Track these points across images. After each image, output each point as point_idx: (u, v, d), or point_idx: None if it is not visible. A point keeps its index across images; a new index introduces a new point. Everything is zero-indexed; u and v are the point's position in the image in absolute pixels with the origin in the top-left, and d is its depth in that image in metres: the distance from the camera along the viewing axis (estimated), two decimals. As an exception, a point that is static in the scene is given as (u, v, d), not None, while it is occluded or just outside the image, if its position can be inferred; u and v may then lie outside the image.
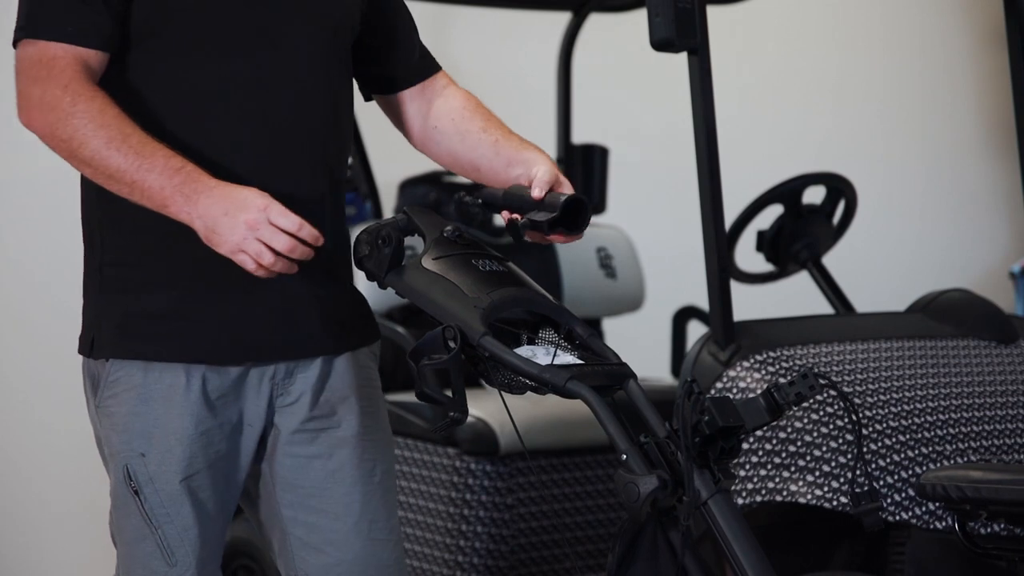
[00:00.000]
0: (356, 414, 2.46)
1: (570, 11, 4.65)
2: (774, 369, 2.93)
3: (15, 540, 4.54)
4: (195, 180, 2.20)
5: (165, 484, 2.34)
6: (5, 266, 4.51)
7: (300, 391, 2.42)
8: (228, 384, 2.37)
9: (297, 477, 2.44)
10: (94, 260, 2.41)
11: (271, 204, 2.18)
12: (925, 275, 5.40)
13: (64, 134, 2.23)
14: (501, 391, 2.24)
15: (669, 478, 2.10)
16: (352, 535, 2.45)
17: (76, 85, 2.23)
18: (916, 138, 6.13)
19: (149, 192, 2.20)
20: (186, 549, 2.35)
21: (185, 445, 2.34)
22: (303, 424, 2.43)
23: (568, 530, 3.77)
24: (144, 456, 2.34)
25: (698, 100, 2.91)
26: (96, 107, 2.22)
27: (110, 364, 2.36)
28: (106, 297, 2.38)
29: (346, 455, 2.45)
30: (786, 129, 5.83)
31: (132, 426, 2.34)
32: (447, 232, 2.32)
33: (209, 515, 2.37)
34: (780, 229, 3.63)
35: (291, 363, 2.41)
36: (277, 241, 2.17)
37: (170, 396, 2.34)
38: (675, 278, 4.92)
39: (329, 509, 2.44)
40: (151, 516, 2.35)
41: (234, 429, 2.38)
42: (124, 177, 2.21)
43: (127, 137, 2.21)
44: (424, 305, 2.25)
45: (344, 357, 2.46)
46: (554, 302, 2.31)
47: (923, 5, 6.15)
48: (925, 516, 2.78)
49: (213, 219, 2.18)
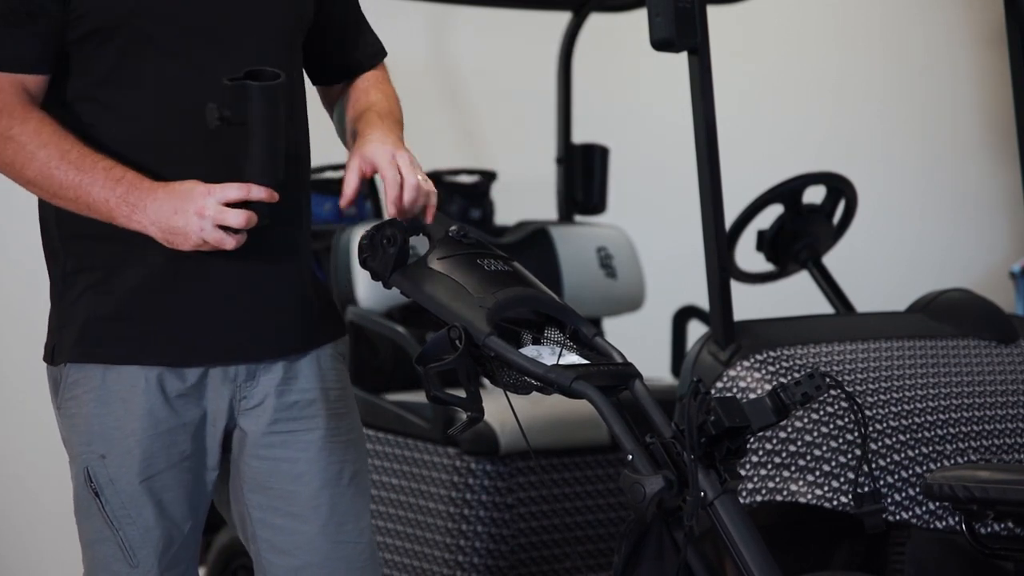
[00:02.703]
0: (323, 416, 2.44)
1: (570, 11, 4.65)
2: (774, 369, 2.93)
3: (13, 540, 4.54)
4: (136, 188, 2.23)
5: (126, 485, 2.33)
6: (5, 266, 4.51)
7: (264, 393, 2.41)
8: (188, 385, 2.36)
9: (265, 479, 2.42)
10: (56, 270, 2.41)
11: (212, 187, 2.21)
12: (925, 275, 5.39)
13: (6, 158, 2.27)
14: (506, 391, 2.24)
15: (675, 478, 2.09)
16: (319, 538, 2.43)
17: (11, 108, 2.27)
18: (916, 138, 6.14)
19: (94, 205, 2.24)
20: (148, 550, 2.35)
21: (144, 446, 2.33)
22: (270, 427, 2.41)
23: (568, 530, 3.77)
24: (104, 457, 2.34)
25: (698, 100, 2.91)
26: (31, 128, 2.26)
27: (69, 367, 2.36)
28: (67, 305, 2.38)
29: (313, 458, 2.43)
30: (786, 129, 5.83)
31: (92, 428, 2.34)
32: (452, 232, 2.32)
33: (174, 516, 2.36)
34: (780, 229, 3.63)
35: (252, 365, 2.40)
36: (231, 219, 2.21)
37: (129, 398, 2.33)
38: (675, 278, 4.92)
39: (297, 512, 2.42)
40: (112, 517, 2.35)
41: (197, 429, 2.38)
42: (68, 193, 2.25)
43: (66, 153, 2.24)
44: (429, 305, 2.25)
45: (309, 358, 2.44)
46: (560, 302, 2.30)
47: (923, 5, 6.15)
48: (925, 516, 2.78)
49: (165, 221, 2.22)
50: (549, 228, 4.48)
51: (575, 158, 4.70)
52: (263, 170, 2.25)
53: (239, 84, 2.20)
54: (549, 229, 4.48)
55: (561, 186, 4.72)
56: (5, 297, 4.52)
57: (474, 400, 2.19)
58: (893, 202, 5.89)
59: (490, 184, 4.68)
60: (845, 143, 5.85)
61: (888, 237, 5.89)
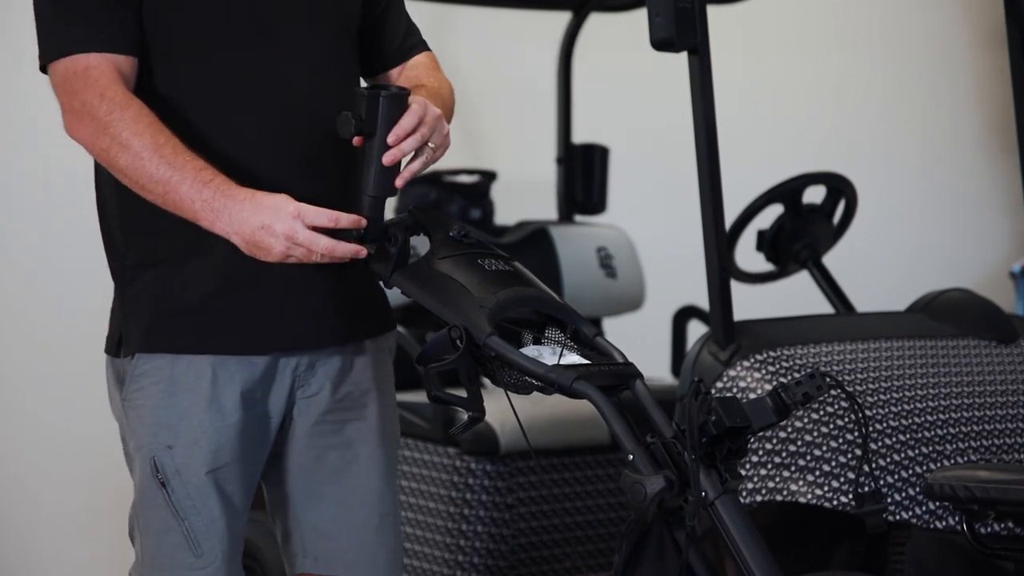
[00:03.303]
0: (376, 407, 2.49)
1: (570, 11, 4.65)
2: (774, 369, 2.93)
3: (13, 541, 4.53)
4: (223, 194, 2.23)
5: (192, 476, 2.36)
6: (5, 266, 4.51)
7: (321, 383, 2.45)
8: (255, 376, 2.40)
9: (313, 466, 2.47)
10: (117, 263, 2.43)
11: (302, 209, 2.22)
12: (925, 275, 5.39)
13: (102, 143, 2.27)
14: (507, 391, 2.24)
15: (676, 478, 2.09)
16: (366, 526, 2.48)
17: (111, 93, 2.27)
18: (916, 138, 6.13)
19: (180, 204, 2.25)
20: (213, 541, 2.38)
21: (211, 437, 2.36)
22: (323, 415, 2.46)
23: (568, 530, 3.77)
24: (171, 448, 2.36)
25: (698, 100, 2.91)
26: (131, 116, 2.26)
27: (137, 358, 2.39)
28: (131, 297, 2.40)
29: (363, 447, 2.48)
30: (786, 129, 5.83)
31: (159, 418, 2.37)
32: (454, 232, 2.32)
33: (235, 507, 2.40)
34: (780, 229, 3.63)
35: (313, 355, 2.43)
36: (317, 245, 2.21)
37: (196, 389, 2.37)
38: (675, 278, 4.92)
39: (342, 499, 2.47)
40: (178, 507, 2.37)
41: (260, 419, 2.41)
42: (156, 188, 2.25)
43: (160, 147, 2.24)
44: (430, 305, 2.25)
45: (365, 351, 2.49)
46: (560, 302, 2.30)
47: (923, 5, 6.15)
48: (925, 516, 2.78)
49: (251, 234, 2.22)
50: (549, 228, 4.48)
51: (575, 158, 4.70)
52: (379, 181, 2.27)
53: (373, 94, 2.22)
54: (549, 229, 4.48)
55: (561, 186, 4.72)
56: (5, 297, 4.52)
57: (475, 400, 2.20)
58: (893, 202, 5.88)
59: (490, 184, 4.68)
60: (845, 143, 5.84)
61: (888, 237, 5.89)
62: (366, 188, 2.27)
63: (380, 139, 2.25)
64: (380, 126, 2.24)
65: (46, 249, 4.51)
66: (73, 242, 4.51)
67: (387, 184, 2.28)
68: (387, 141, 2.26)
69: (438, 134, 2.33)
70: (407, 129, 2.27)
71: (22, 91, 4.41)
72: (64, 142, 2.36)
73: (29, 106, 4.41)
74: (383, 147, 2.25)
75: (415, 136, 2.28)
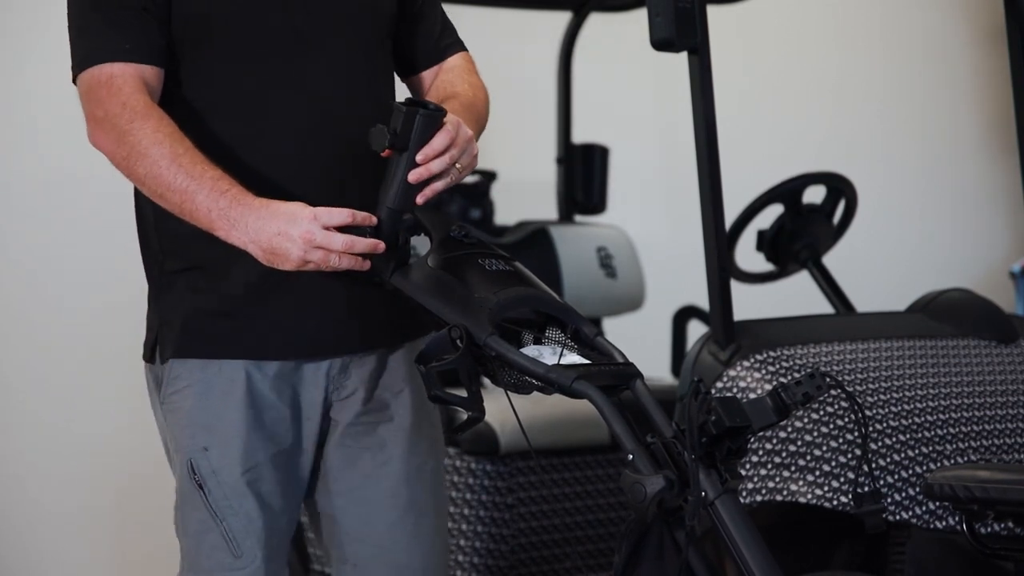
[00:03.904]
0: (409, 409, 2.50)
1: (570, 11, 4.65)
2: (774, 369, 2.93)
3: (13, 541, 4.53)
4: (239, 203, 2.24)
5: (227, 477, 2.38)
6: (5, 266, 4.51)
7: (354, 386, 2.46)
8: (288, 380, 2.41)
9: (348, 468, 2.48)
10: (153, 268, 2.45)
11: (317, 211, 2.22)
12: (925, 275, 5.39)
13: (122, 151, 2.28)
14: (507, 391, 2.24)
15: (676, 478, 2.09)
16: (398, 528, 2.48)
17: (133, 102, 2.28)
18: (916, 138, 6.13)
19: (196, 213, 2.25)
20: (251, 541, 2.39)
21: (244, 438, 2.38)
22: (357, 417, 2.47)
23: (568, 530, 3.77)
24: (207, 450, 2.39)
25: (698, 100, 2.91)
26: (151, 125, 2.27)
27: (171, 363, 2.41)
28: (166, 302, 2.42)
29: (396, 449, 2.48)
30: (786, 129, 5.83)
31: (194, 421, 2.39)
32: (454, 231, 2.32)
33: (273, 508, 2.41)
34: (780, 229, 3.63)
35: (346, 358, 2.45)
36: (335, 244, 2.21)
37: (229, 391, 2.38)
38: (675, 278, 4.92)
39: (377, 501, 2.48)
40: (216, 509, 2.39)
41: (294, 422, 2.43)
42: (173, 197, 2.26)
43: (178, 156, 2.25)
44: (430, 305, 2.25)
45: (398, 352, 2.50)
46: (561, 301, 2.30)
47: (923, 5, 6.15)
48: (925, 516, 2.78)
49: (268, 241, 2.22)
50: (549, 228, 4.48)
51: (575, 158, 4.70)
52: (402, 195, 2.27)
53: (411, 111, 2.22)
54: (549, 229, 4.48)
55: (561, 186, 4.72)
56: (5, 297, 4.52)
57: (475, 400, 2.20)
58: (893, 202, 5.88)
59: (490, 184, 4.67)
60: (845, 143, 5.84)
61: (888, 237, 5.88)
62: (386, 200, 2.27)
63: (410, 155, 2.25)
64: (412, 143, 2.24)
65: (46, 249, 4.51)
66: (73, 242, 4.51)
67: (408, 200, 2.28)
68: (416, 159, 2.26)
69: (467, 155, 2.33)
70: (437, 150, 2.27)
71: (22, 91, 4.41)
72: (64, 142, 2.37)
73: (29, 106, 4.42)
74: (411, 164, 2.25)
75: (444, 157, 2.28)
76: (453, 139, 2.28)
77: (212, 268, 2.38)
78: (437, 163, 2.27)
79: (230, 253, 2.31)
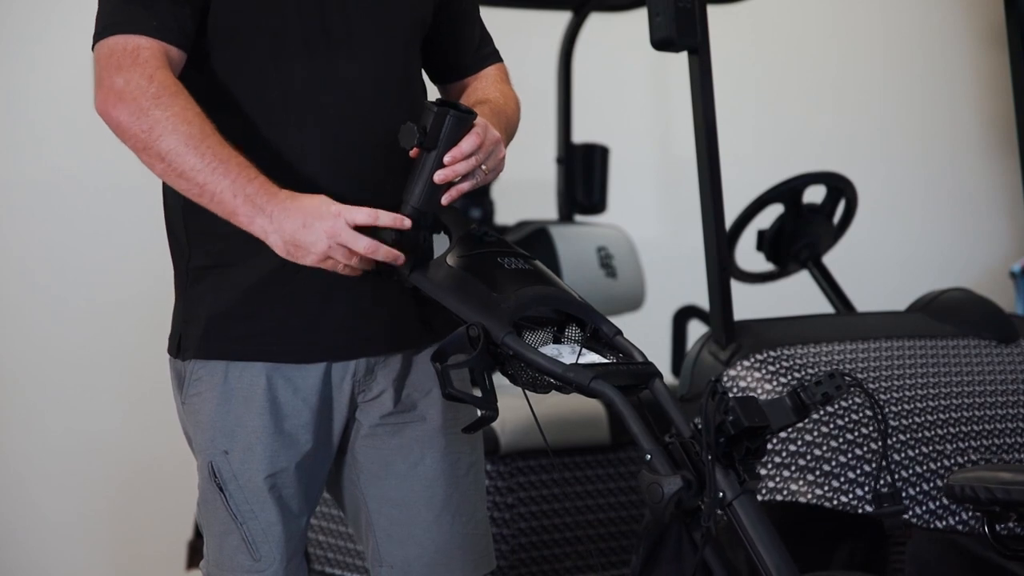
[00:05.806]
0: (439, 408, 2.46)
1: (570, 11, 4.65)
2: (774, 368, 2.93)
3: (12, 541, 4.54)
4: (266, 191, 2.20)
5: (248, 481, 2.37)
6: (5, 266, 4.52)
7: (381, 387, 2.44)
8: (311, 383, 2.39)
9: (381, 469, 2.45)
10: (181, 264, 2.42)
11: (343, 208, 2.20)
12: (925, 275, 5.39)
13: (144, 124, 2.20)
14: (525, 390, 2.23)
15: (694, 478, 2.08)
16: (434, 528, 2.46)
17: (161, 76, 2.22)
18: (916, 138, 6.13)
19: (218, 197, 2.21)
20: (270, 545, 2.38)
21: (265, 443, 2.36)
22: (384, 418, 2.44)
23: (569, 529, 3.77)
24: (227, 453, 2.37)
25: (698, 100, 2.91)
26: (180, 102, 2.21)
27: (193, 363, 2.39)
28: (192, 300, 2.40)
29: (428, 449, 2.46)
30: (786, 129, 5.83)
31: (215, 424, 2.37)
32: (473, 230, 2.31)
33: (292, 512, 2.40)
34: (780, 229, 3.63)
35: (371, 360, 2.42)
36: (358, 246, 2.20)
37: (250, 395, 2.36)
38: (675, 278, 4.92)
39: (412, 502, 2.45)
40: (236, 511, 2.38)
41: (318, 425, 2.40)
42: (196, 177, 2.20)
43: (206, 137, 2.20)
44: (448, 303, 2.24)
45: (424, 353, 2.46)
46: (580, 300, 2.29)
47: (923, 6, 6.15)
48: (926, 516, 2.78)
49: (292, 232, 2.20)
50: (549, 228, 4.48)
51: (575, 158, 4.70)
52: (426, 195, 2.26)
53: (442, 111, 2.22)
54: (549, 229, 4.48)
55: (561, 186, 4.72)
56: (5, 297, 4.52)
57: (489, 399, 2.19)
58: (893, 202, 5.88)
59: (490, 184, 4.67)
60: (845, 143, 5.84)
61: (888, 237, 5.89)
62: (410, 199, 2.26)
63: (438, 156, 2.25)
64: (441, 143, 2.23)
65: (46, 249, 4.51)
66: (73, 242, 4.52)
67: (433, 200, 2.27)
68: (443, 160, 2.25)
69: (493, 158, 2.33)
70: (465, 152, 2.26)
71: (22, 91, 4.42)
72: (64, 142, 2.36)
73: (29, 106, 4.42)
74: (438, 164, 2.25)
75: (471, 160, 2.28)
76: (481, 142, 2.28)
77: (234, 268, 2.35)
78: (463, 165, 2.26)
79: (255, 254, 2.30)
